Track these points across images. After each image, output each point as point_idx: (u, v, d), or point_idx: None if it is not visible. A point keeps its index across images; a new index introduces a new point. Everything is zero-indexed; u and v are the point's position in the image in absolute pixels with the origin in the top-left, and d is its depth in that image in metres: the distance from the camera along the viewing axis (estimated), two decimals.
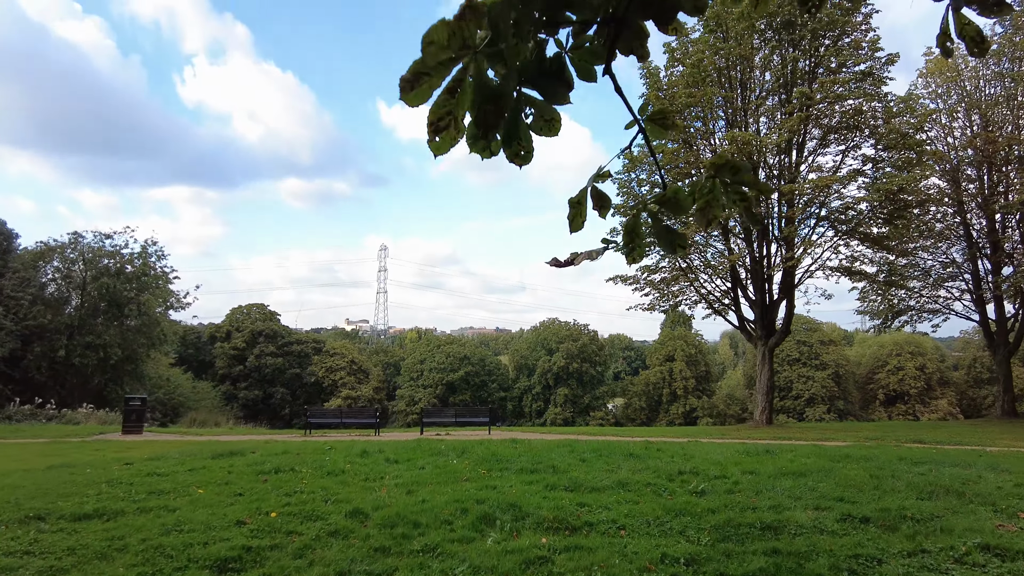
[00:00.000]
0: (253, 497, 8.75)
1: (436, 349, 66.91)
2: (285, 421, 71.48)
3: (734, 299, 27.53)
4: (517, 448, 13.14)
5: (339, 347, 69.99)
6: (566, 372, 64.71)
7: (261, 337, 69.95)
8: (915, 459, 12.32)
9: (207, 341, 71.13)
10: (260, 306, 73.14)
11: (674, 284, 27.84)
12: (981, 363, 63.10)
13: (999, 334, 29.57)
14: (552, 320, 69.32)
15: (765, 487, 9.38)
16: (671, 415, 64.04)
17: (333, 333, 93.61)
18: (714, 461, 11.40)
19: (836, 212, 24.74)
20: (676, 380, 64.97)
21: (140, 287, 39.55)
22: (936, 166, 26.20)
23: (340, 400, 66.69)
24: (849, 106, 23.90)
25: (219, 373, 68.28)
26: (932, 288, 30.61)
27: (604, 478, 9.74)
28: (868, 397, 65.33)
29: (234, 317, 72.15)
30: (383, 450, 13.12)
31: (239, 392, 67.81)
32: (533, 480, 9.62)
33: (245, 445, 15.43)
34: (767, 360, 26.92)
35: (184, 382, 55.56)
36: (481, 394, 66.80)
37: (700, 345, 69.54)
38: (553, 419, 63.20)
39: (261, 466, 11.06)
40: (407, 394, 66.09)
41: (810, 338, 64.85)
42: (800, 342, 64.84)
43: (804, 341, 64.72)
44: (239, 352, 68.85)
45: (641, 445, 13.90)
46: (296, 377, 70.11)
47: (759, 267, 26.52)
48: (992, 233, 29.43)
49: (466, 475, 10.06)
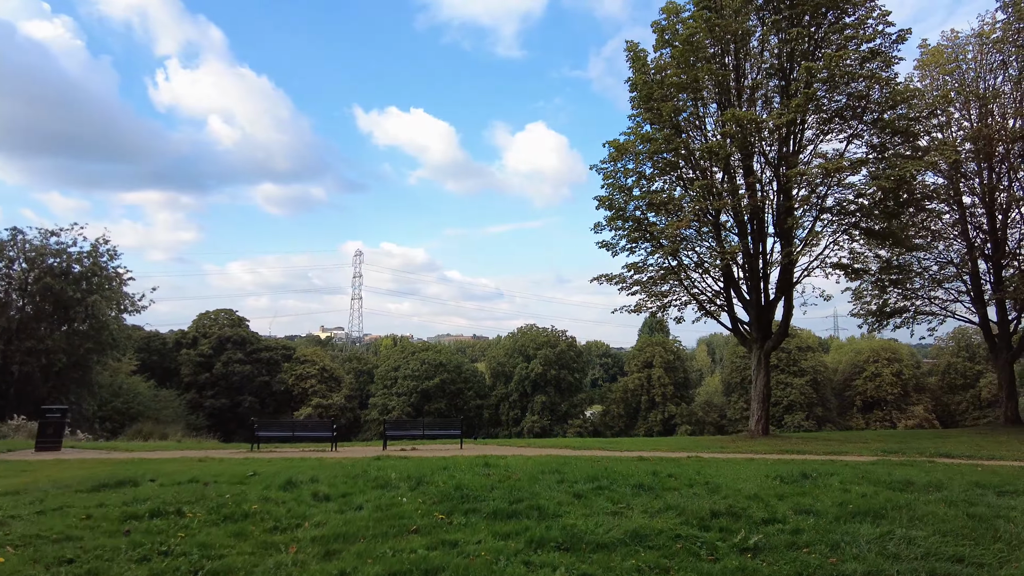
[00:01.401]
0: (84, 567, 5.55)
1: (411, 356, 63.42)
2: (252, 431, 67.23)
3: (727, 299, 24.73)
4: (490, 475, 9.99)
5: (310, 354, 66.17)
6: (544, 379, 61.65)
7: (229, 344, 65.94)
8: (994, 485, 9.47)
9: (172, 348, 66.87)
10: (228, 312, 69.09)
11: (663, 283, 24.96)
12: (955, 369, 61.48)
13: (1001, 337, 27.17)
14: (530, 326, 66.26)
15: (839, 537, 6.40)
16: (650, 422, 61.32)
17: (305, 340, 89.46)
18: (748, 494, 8.39)
19: (841, 203, 22.10)
20: (655, 387, 62.28)
21: (89, 289, 35.70)
22: (939, 160, 23.68)
23: (310, 409, 62.89)
24: (854, 88, 21.33)
25: (185, 381, 64.13)
26: (929, 288, 28.15)
27: (611, 525, 6.68)
28: (845, 404, 63.27)
29: (201, 323, 68.03)
30: (317, 479, 9.89)
31: (205, 400, 63.74)
32: (511, 531, 6.51)
33: (151, 469, 12.10)
34: (763, 365, 24.13)
35: (145, 390, 51.44)
36: (457, 402, 63.41)
37: (678, 351, 67.02)
38: (530, 427, 60.01)
39: (141, 505, 7.82)
40: (380, 402, 62.49)
41: (788, 344, 62.59)
42: (779, 348, 62.55)
43: (782, 347, 62.41)
44: (206, 359, 64.80)
45: (647, 471, 10.82)
46: (265, 385, 66.11)
47: (755, 264, 23.77)
48: (993, 232, 27.09)
49: (416, 522, 6.92)
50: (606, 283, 25.24)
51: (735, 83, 23.22)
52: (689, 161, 23.90)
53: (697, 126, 23.87)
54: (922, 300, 28.28)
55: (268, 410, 66.40)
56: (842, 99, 21.94)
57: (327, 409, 63.32)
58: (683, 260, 24.70)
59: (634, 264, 25.03)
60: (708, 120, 23.87)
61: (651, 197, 23.26)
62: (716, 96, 23.35)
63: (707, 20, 21.59)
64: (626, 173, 24.62)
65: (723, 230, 24.29)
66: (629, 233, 24.58)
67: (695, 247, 24.15)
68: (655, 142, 23.12)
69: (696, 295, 25.01)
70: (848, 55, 20.29)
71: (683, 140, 23.13)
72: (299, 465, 12.99)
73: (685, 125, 23.53)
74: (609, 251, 25.41)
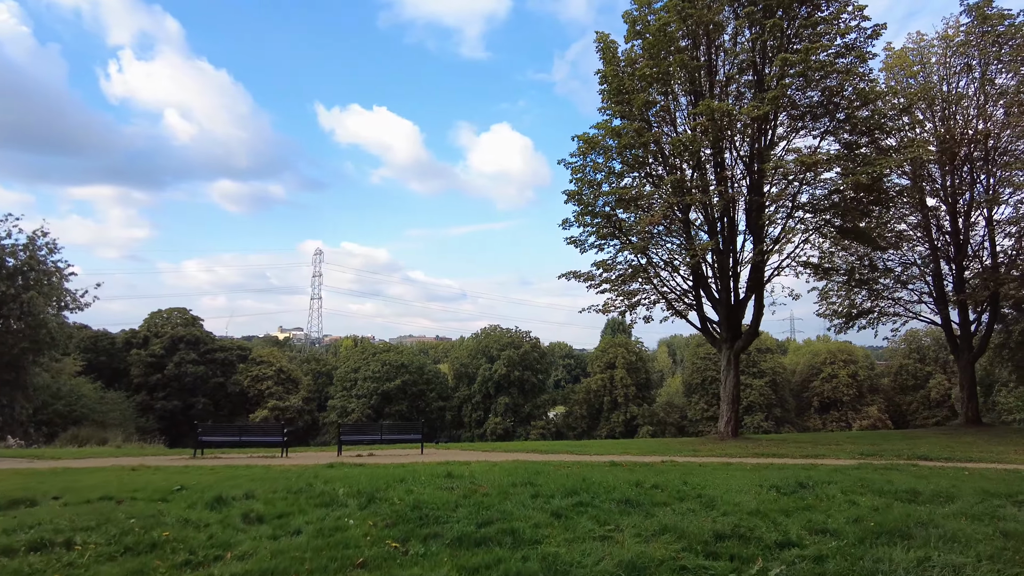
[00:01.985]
0: None
1: (371, 357, 61.44)
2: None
3: (696, 298, 23.89)
4: (454, 489, 8.67)
5: (266, 355, 63.64)
6: (507, 380, 60.40)
7: (182, 343, 62.94)
8: (1005, 494, 8.57)
9: (122, 348, 63.55)
10: (182, 310, 66.10)
11: (632, 282, 23.99)
12: (907, 370, 62.46)
13: (963, 338, 26.98)
14: (494, 327, 64.95)
15: (872, 565, 5.30)
16: (612, 423, 60.65)
17: (262, 341, 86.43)
18: (749, 509, 7.28)
19: (813, 201, 21.45)
20: (617, 388, 61.63)
21: (25, 284, 33.16)
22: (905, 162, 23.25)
23: (267, 411, 60.43)
24: (828, 84, 20.68)
25: (134, 382, 61.00)
26: (894, 290, 27.83)
27: (601, 554, 5.46)
28: (803, 404, 63.68)
29: (153, 322, 64.87)
30: (253, 494, 8.44)
31: (156, 402, 60.72)
32: (481, 564, 5.22)
33: (65, 482, 10.44)
34: (733, 366, 23.35)
35: (90, 392, 48.60)
36: (419, 404, 61.69)
37: (640, 352, 66.55)
38: (493, 429, 58.69)
39: (23, 534, 6.29)
40: (339, 405, 60.37)
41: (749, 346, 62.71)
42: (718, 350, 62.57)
43: None
44: (157, 359, 61.71)
45: (629, 481, 9.60)
46: (220, 386, 63.33)
47: (725, 262, 22.98)
48: (955, 235, 26.90)
49: (364, 553, 5.58)
50: (574, 281, 24.19)
51: (707, 77, 22.40)
52: (659, 156, 22.99)
53: (668, 120, 22.98)
54: (887, 301, 27.96)
55: (223, 412, 63.58)
56: (815, 95, 21.30)
57: (284, 411, 60.90)
58: (652, 258, 23.78)
59: (603, 262, 24.00)
60: (679, 114, 23.02)
61: (620, 192, 22.24)
62: (688, 89, 22.49)
63: (680, 10, 20.66)
64: (595, 168, 23.60)
65: (693, 228, 23.47)
66: (598, 229, 23.56)
67: (666, 243, 23.27)
68: (625, 136, 22.13)
69: (665, 294, 24.11)
70: (823, 47, 19.59)
71: (654, 134, 22.18)
72: (238, 476, 11.45)
73: (656, 119, 22.61)
74: (577, 248, 24.41)
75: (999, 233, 26.08)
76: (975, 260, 26.96)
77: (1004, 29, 24.10)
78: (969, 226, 26.53)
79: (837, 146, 21.84)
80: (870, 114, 21.09)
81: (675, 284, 24.08)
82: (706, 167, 22.73)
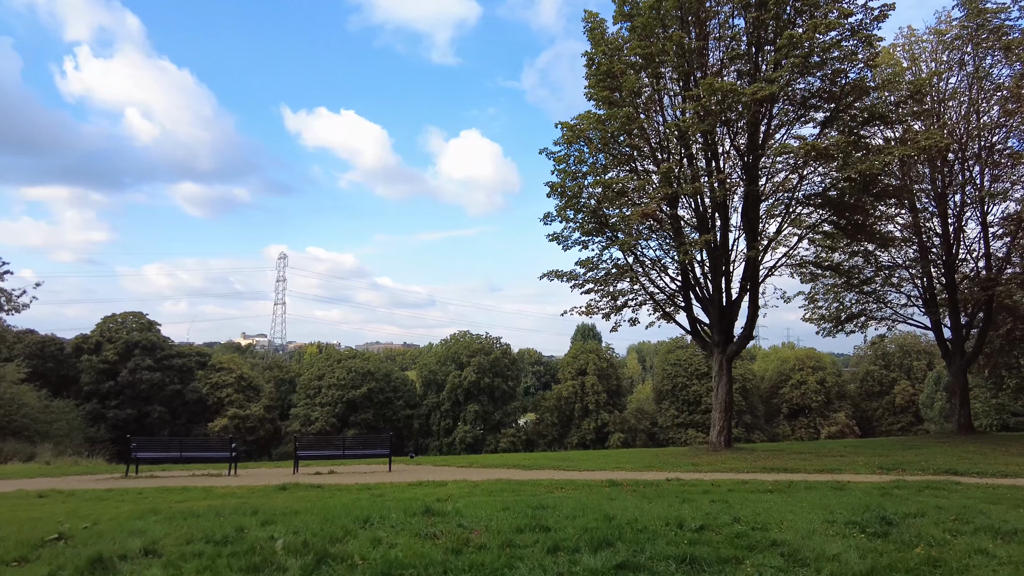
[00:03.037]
0: None
1: (336, 364, 58.22)
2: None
3: (686, 299, 21.87)
4: (438, 537, 6.22)
5: (226, 361, 59.88)
6: (477, 387, 57.82)
7: (137, 349, 58.87)
8: None
9: (72, 354, 59.13)
10: (137, 315, 61.95)
11: (618, 281, 21.89)
12: (872, 376, 61.95)
13: (954, 343, 25.55)
14: (464, 333, 62.36)
15: None
16: (583, 430, 58.61)
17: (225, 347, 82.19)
18: (860, 570, 5.08)
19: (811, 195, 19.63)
20: (588, 395, 59.61)
21: None
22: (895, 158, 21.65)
23: (226, 419, 56.71)
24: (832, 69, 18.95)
25: (85, 390, 56.74)
26: (883, 293, 26.27)
27: None
28: (772, 411, 62.58)
29: (106, 327, 60.59)
30: (155, 548, 5.85)
31: (108, 411, 56.58)
32: None
33: None
34: (725, 372, 21.36)
35: (34, 400, 44.41)
36: (386, 412, 58.66)
37: (612, 359, 64.74)
38: (462, 437, 56.01)
39: None
40: (302, 413, 57.00)
41: None
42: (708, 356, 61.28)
43: None
44: (110, 366, 57.54)
45: (667, 521, 7.22)
46: (177, 394, 59.37)
47: (718, 261, 21.02)
48: (946, 236, 25.52)
49: None
50: (557, 281, 21.98)
51: (699, 62, 20.46)
52: (647, 146, 20.99)
53: (657, 107, 20.97)
54: (876, 305, 26.40)
55: (180, 421, 59.61)
56: (815, 81, 19.55)
57: (244, 420, 57.25)
58: (639, 256, 21.72)
59: (588, 260, 21.84)
60: (670, 100, 21.01)
61: (607, 184, 20.10)
62: (681, 73, 20.49)
63: None
64: (579, 160, 21.47)
65: (682, 223, 21.48)
66: (582, 225, 21.41)
67: (657, 239, 21.21)
68: (612, 125, 20.05)
69: (653, 294, 22.05)
70: (829, 25, 17.76)
71: (643, 120, 20.15)
72: (158, 511, 8.84)
73: (646, 104, 20.58)
74: (560, 244, 22.19)
75: (990, 235, 24.76)
76: (965, 263, 25.62)
77: (999, 23, 22.81)
78: (960, 227, 25.17)
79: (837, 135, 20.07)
80: (874, 103, 19.45)
81: (663, 284, 22.06)
82: (698, 157, 20.81)
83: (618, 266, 21.63)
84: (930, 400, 50.66)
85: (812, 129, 20.43)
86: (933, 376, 52.05)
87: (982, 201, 24.00)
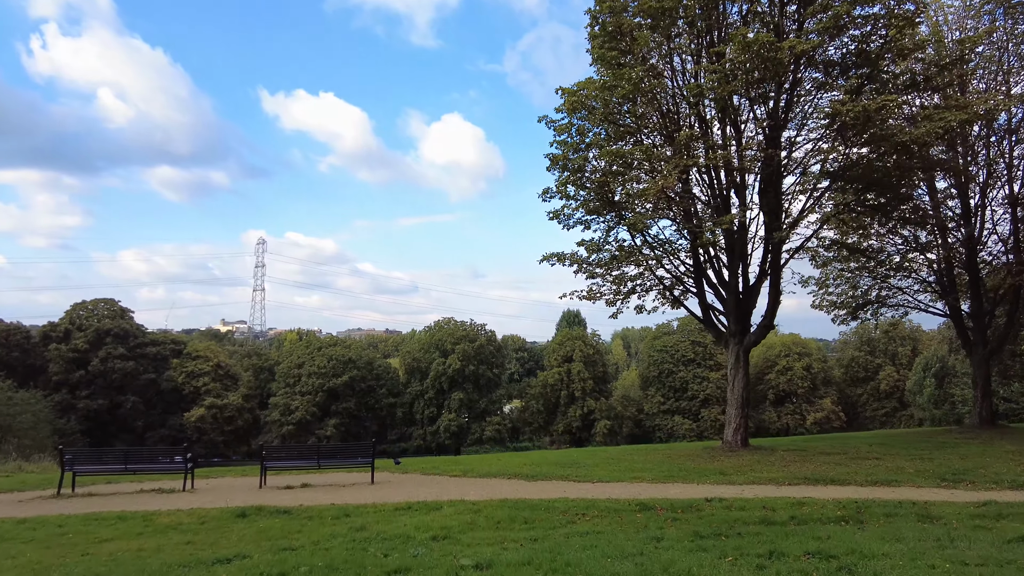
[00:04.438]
0: None
1: (317, 352, 55.27)
2: (136, 435, 56.98)
3: (698, 284, 19.44)
4: None
5: (203, 349, 56.60)
6: (462, 375, 55.31)
7: (109, 337, 55.41)
8: None
9: (39, 342, 55.52)
10: (109, 301, 58.35)
11: (626, 264, 19.37)
12: (857, 363, 60.62)
13: (975, 331, 23.49)
14: (448, 319, 59.68)
15: None
16: (569, 418, 56.55)
17: (203, 334, 78.54)
18: None
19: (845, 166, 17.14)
20: (575, 382, 57.47)
21: None
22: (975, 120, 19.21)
23: (203, 409, 53.60)
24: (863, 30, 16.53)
25: (53, 380, 53.31)
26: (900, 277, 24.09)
27: None
28: (759, 397, 60.90)
29: (75, 314, 56.99)
30: None
31: (79, 402, 53.25)
32: None
33: None
34: (742, 364, 18.98)
35: None
36: (368, 401, 55.93)
37: (598, 345, 62.60)
38: (447, 426, 53.60)
39: None
40: (282, 402, 54.04)
41: (704, 338, 59.55)
42: (695, 342, 59.48)
43: (698, 341, 59.38)
44: (80, 355, 54.10)
45: None
46: (151, 383, 56.10)
47: (734, 240, 18.57)
48: (968, 216, 23.33)
49: None
50: (559, 264, 19.36)
51: (718, 17, 17.85)
52: (657, 114, 18.41)
53: (669, 73, 18.33)
54: (893, 290, 24.23)
55: (155, 411, 56.39)
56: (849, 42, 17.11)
57: (222, 409, 54.17)
58: (648, 238, 19.21)
59: (592, 242, 19.28)
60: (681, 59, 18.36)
61: (617, 153, 17.43)
62: (695, 32, 17.86)
63: None
64: (581, 131, 18.80)
65: (697, 201, 18.97)
66: (586, 202, 18.82)
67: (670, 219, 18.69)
68: (619, 90, 17.40)
69: (662, 279, 19.58)
70: None
71: (654, 84, 17.52)
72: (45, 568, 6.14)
73: (657, 67, 17.93)
74: (560, 224, 19.59)
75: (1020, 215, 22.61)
76: (986, 246, 23.53)
77: None
78: (984, 206, 23.02)
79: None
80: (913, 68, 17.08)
81: (672, 268, 19.55)
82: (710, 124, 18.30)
83: (623, 248, 19.10)
84: (918, 387, 49.22)
85: (841, 96, 17.86)
86: (921, 362, 50.65)
87: (1011, 179, 21.83)
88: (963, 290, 23.32)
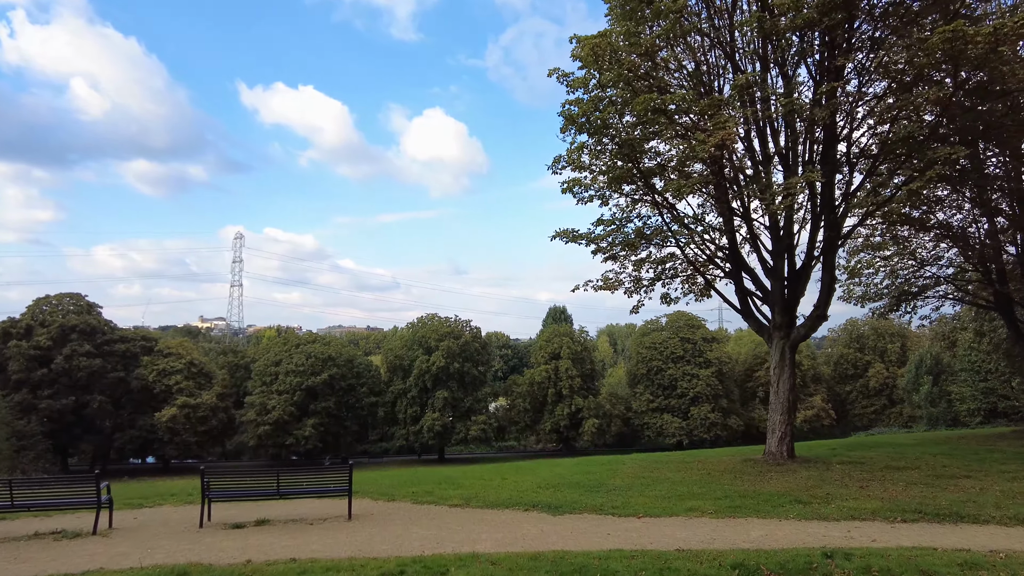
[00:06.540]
0: None
1: (295, 349, 51.05)
2: (104, 436, 52.29)
3: (735, 269, 16.09)
4: None
5: (175, 346, 52.04)
6: (446, 373, 51.51)
7: (74, 333, 50.58)
8: None
9: None
10: (75, 296, 53.51)
11: (649, 244, 15.93)
12: (846, 359, 58.23)
13: None
14: (431, 316, 55.78)
15: None
16: (556, 416, 53.10)
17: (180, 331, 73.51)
18: None
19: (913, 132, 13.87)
20: (562, 379, 54.03)
21: None
22: None
23: (175, 409, 49.03)
24: None
25: (13, 379, 48.33)
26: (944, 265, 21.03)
27: None
28: (747, 395, 58.25)
29: (38, 309, 52.07)
30: None
31: (41, 401, 48.38)
32: None
33: None
34: (788, 362, 15.68)
35: None
36: (348, 400, 51.84)
37: (586, 342, 59.23)
38: (431, 426, 49.75)
39: None
40: (258, 401, 49.70)
41: (694, 335, 56.60)
42: (684, 339, 56.43)
43: (688, 338, 56.37)
44: (43, 352, 49.21)
45: None
46: (120, 382, 51.36)
47: (777, 221, 15.23)
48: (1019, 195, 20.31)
49: None
50: (572, 243, 15.82)
51: None
52: (693, 61, 14.99)
53: (707, 14, 14.89)
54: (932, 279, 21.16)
55: (124, 411, 51.68)
56: None
57: (195, 409, 49.66)
58: (677, 212, 15.77)
59: (612, 219, 15.79)
60: None
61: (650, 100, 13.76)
62: None
63: None
64: (602, 84, 15.26)
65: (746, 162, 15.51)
66: (609, 168, 15.30)
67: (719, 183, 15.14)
68: (648, 37, 13.98)
69: (694, 261, 16.17)
70: None
71: (690, 27, 14.09)
72: None
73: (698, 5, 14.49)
74: (575, 197, 16.04)
75: None
76: None
77: None
78: None
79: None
80: None
81: (706, 248, 16.14)
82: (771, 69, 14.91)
83: (653, 229, 15.63)
84: (914, 384, 46.66)
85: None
86: (915, 359, 48.13)
87: None
88: (1014, 280, 20.28)
